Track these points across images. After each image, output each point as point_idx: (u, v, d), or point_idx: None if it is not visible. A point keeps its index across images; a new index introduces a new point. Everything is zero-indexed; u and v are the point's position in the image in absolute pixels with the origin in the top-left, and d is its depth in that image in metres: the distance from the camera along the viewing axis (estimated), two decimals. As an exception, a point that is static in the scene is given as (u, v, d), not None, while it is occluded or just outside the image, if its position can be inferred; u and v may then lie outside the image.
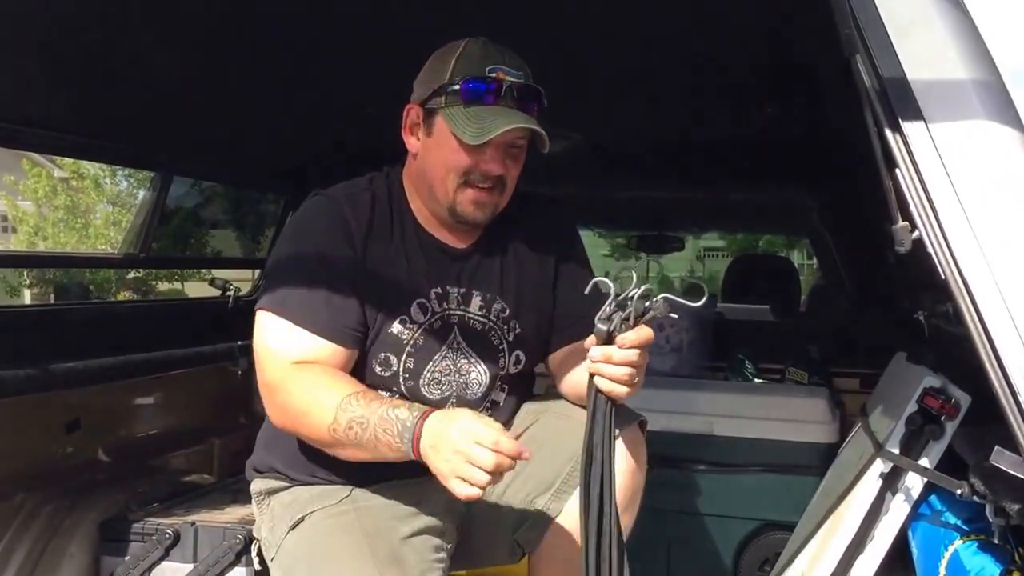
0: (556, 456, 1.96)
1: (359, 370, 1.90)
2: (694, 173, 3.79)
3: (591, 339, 1.63)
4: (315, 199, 1.96)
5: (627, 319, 1.59)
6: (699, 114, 3.19)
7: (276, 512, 1.96)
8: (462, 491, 1.57)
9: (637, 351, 1.61)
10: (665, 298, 1.59)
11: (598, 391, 1.63)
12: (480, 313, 1.97)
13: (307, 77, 2.85)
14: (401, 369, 1.91)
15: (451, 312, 1.94)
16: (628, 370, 1.61)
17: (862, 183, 3.18)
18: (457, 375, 1.95)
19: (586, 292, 1.67)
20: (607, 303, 1.60)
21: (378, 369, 1.91)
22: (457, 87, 1.81)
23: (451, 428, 1.60)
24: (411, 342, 1.91)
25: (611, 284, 1.60)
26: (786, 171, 3.74)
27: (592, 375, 1.63)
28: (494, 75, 1.80)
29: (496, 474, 1.56)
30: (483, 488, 1.57)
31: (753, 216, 5.84)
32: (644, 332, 1.61)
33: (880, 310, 3.67)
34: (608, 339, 1.60)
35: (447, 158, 1.86)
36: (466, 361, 1.95)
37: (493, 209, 1.90)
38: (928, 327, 2.74)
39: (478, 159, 1.84)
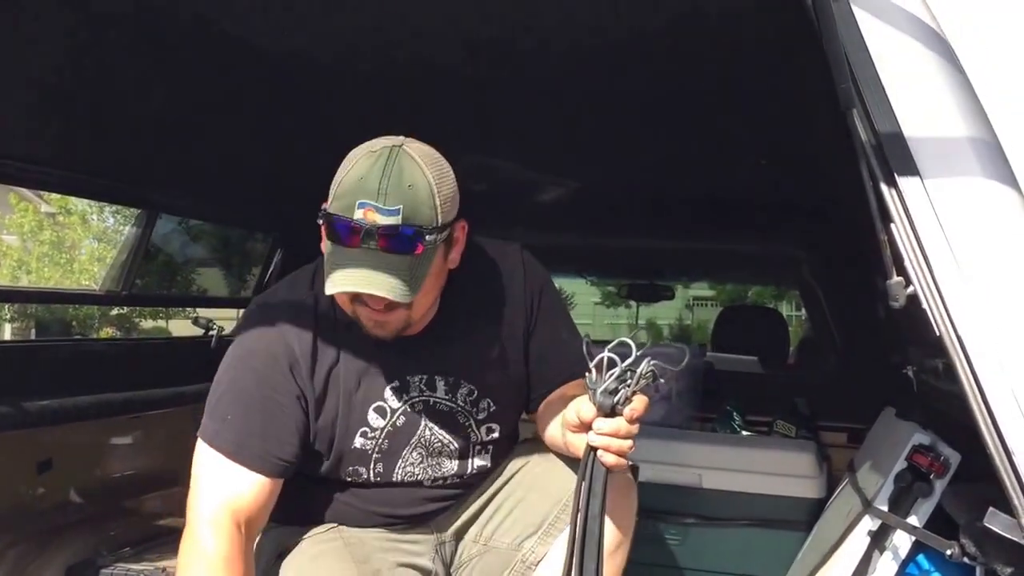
0: (544, 499, 1.94)
1: (330, 481, 1.86)
2: (687, 224, 3.80)
3: (590, 410, 1.55)
4: (255, 321, 1.83)
5: (631, 391, 1.54)
6: (692, 166, 3.19)
7: (257, 550, 1.87)
8: None
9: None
10: (655, 365, 1.54)
11: (599, 463, 1.56)
12: (446, 397, 1.89)
13: (296, 116, 2.85)
14: (372, 475, 1.88)
15: (414, 401, 1.86)
16: (632, 442, 1.56)
17: (853, 237, 3.19)
18: (429, 459, 1.90)
19: (592, 365, 1.56)
20: (609, 375, 1.54)
21: (348, 479, 1.88)
22: (324, 220, 1.67)
23: None
24: (376, 449, 1.85)
25: (617, 358, 1.53)
26: (778, 224, 3.75)
27: (594, 448, 1.56)
28: (361, 212, 1.61)
29: None
30: None
31: (744, 267, 5.86)
32: (645, 403, 1.56)
33: (869, 364, 3.67)
34: (611, 411, 1.55)
35: None
36: (439, 443, 1.90)
37: (401, 324, 1.75)
38: (917, 382, 2.73)
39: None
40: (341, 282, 1.63)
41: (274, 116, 2.83)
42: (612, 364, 1.55)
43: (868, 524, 2.25)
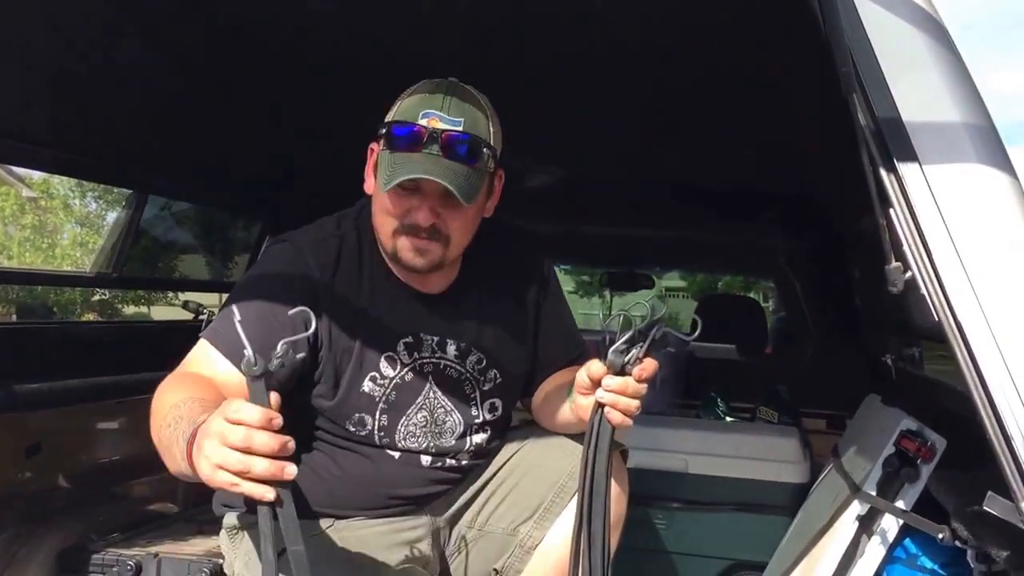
0: (540, 483, 1.95)
1: (333, 431, 1.85)
2: (667, 212, 3.81)
3: (599, 368, 1.60)
4: (279, 246, 1.88)
5: (642, 352, 1.60)
6: (673, 153, 3.20)
7: (253, 545, 1.84)
8: (222, 479, 1.30)
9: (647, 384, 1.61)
10: (667, 331, 1.60)
11: (606, 421, 1.61)
12: (456, 361, 1.91)
13: (287, 100, 2.83)
14: (376, 427, 1.86)
15: (424, 361, 1.88)
16: (638, 402, 1.60)
17: (833, 227, 3.22)
18: (433, 425, 1.90)
19: (606, 324, 1.63)
20: (621, 336, 1.59)
21: (352, 429, 1.86)
22: (385, 131, 1.76)
23: (211, 418, 1.36)
24: (383, 398, 1.85)
25: (632, 318, 1.60)
26: (759, 215, 3.77)
27: (601, 404, 1.60)
28: (424, 121, 1.71)
29: (249, 452, 1.27)
30: (240, 474, 1.29)
31: (723, 258, 5.88)
32: (654, 365, 1.60)
33: (845, 353, 3.71)
34: (621, 370, 1.60)
35: (381, 202, 1.79)
36: (442, 410, 1.91)
37: (437, 258, 1.80)
38: (895, 371, 2.76)
39: (407, 206, 1.76)
40: (401, 175, 1.69)
41: (265, 101, 2.81)
42: (626, 327, 1.60)
43: (856, 508, 2.27)
